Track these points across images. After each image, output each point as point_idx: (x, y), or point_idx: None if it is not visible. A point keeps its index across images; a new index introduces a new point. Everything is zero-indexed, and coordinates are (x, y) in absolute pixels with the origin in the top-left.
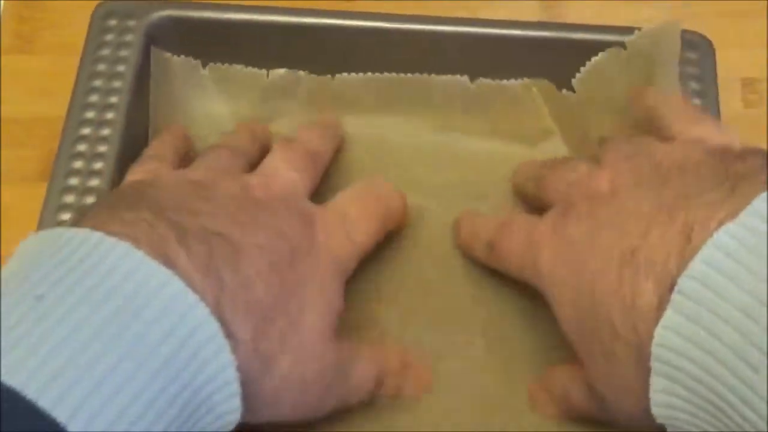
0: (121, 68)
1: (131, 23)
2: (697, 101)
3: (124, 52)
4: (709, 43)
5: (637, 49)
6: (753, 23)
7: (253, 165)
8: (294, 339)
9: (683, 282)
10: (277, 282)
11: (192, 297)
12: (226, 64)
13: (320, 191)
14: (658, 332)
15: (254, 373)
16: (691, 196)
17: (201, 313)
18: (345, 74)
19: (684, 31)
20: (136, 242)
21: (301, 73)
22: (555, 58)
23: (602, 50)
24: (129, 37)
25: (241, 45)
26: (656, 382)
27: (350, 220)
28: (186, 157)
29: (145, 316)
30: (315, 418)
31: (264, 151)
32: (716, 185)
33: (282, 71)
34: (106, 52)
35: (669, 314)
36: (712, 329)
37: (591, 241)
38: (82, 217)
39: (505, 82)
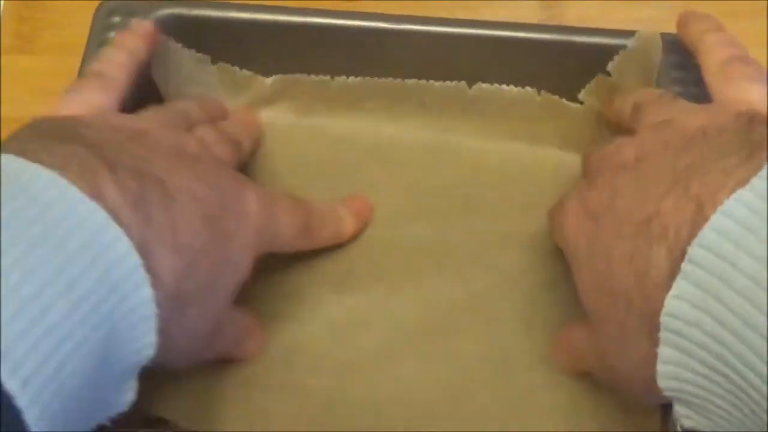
0: None
1: (134, 21)
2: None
3: None
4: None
5: (635, 53)
6: (753, 23)
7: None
8: (208, 291)
9: (693, 251)
10: (206, 233)
11: (116, 229)
12: (235, 67)
13: (313, 192)
14: (668, 302)
15: (167, 314)
16: (708, 163)
17: (123, 246)
18: (344, 77)
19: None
20: (64, 172)
21: (299, 76)
22: (556, 61)
23: (602, 53)
24: None
25: (245, 43)
26: (664, 353)
27: (275, 214)
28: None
29: (67, 246)
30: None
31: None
32: (734, 152)
33: (280, 76)
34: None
35: (679, 283)
36: (722, 297)
37: (609, 210)
38: (7, 142)
39: (504, 87)
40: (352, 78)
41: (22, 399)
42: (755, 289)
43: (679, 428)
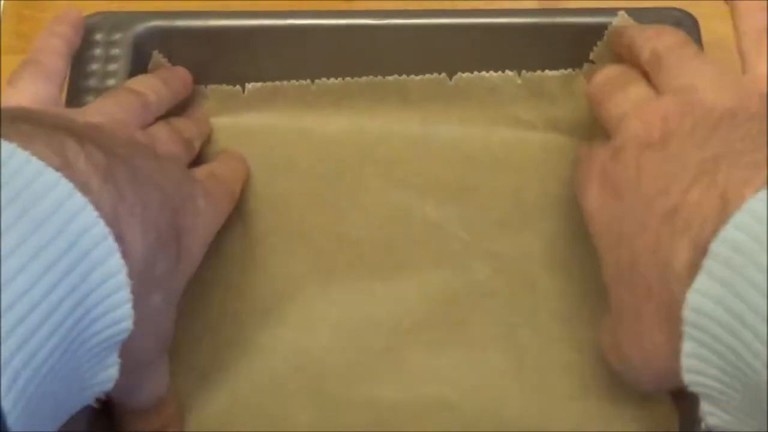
0: (111, 82)
1: (117, 36)
2: None
3: (112, 66)
4: (694, 19)
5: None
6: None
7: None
8: (171, 279)
9: (715, 246)
10: (169, 216)
11: (81, 199)
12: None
13: (306, 194)
14: (691, 296)
15: (134, 295)
16: (735, 156)
17: (90, 215)
18: (324, 80)
19: (668, 9)
20: (29, 144)
21: (279, 83)
22: (536, 44)
23: (585, 33)
24: (116, 51)
25: (227, 50)
26: (687, 348)
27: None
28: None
29: (31, 215)
30: None
31: (173, 99)
32: (762, 144)
33: (260, 84)
34: (94, 66)
35: (701, 278)
36: (741, 294)
37: (634, 192)
38: None
39: (484, 73)
40: (332, 79)
41: None
42: None
43: (703, 427)
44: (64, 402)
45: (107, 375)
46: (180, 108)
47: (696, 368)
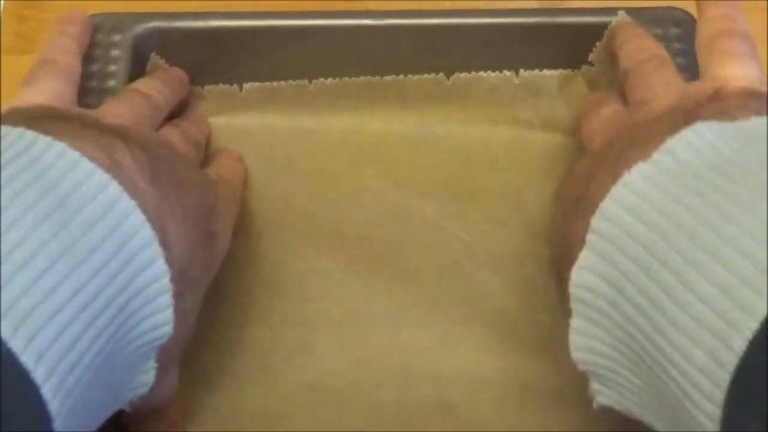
0: (111, 83)
1: (117, 38)
2: (684, 75)
3: (112, 67)
4: (693, 19)
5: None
6: (753, 23)
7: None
8: (201, 284)
9: (596, 221)
10: (205, 218)
11: (129, 202)
12: (219, 85)
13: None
14: (575, 272)
15: (175, 297)
16: (643, 144)
17: (137, 219)
18: (322, 80)
19: (666, 8)
20: (79, 144)
21: (277, 83)
22: (535, 43)
23: (583, 33)
24: (116, 52)
25: (227, 51)
26: (575, 324)
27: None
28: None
29: (79, 218)
30: None
31: (174, 100)
32: (670, 130)
33: (258, 84)
34: (94, 68)
35: (585, 254)
36: (621, 266)
37: (569, 185)
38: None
39: (482, 73)
40: (330, 79)
41: (37, 372)
42: (647, 258)
43: (594, 406)
44: (103, 406)
45: (144, 379)
46: (178, 109)
47: (585, 346)
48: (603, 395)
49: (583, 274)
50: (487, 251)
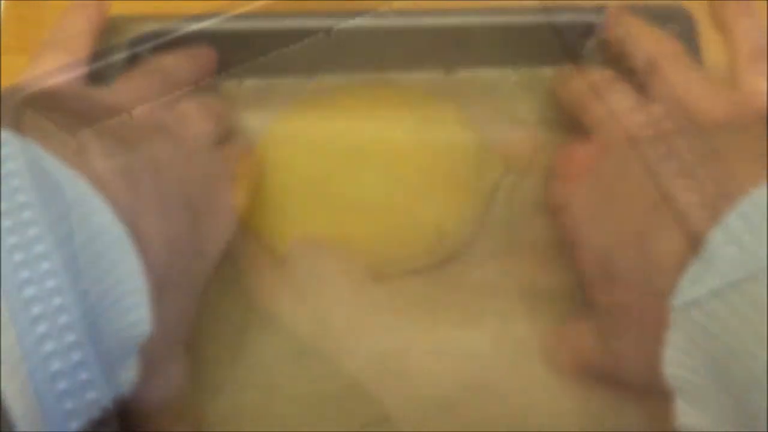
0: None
1: (114, 40)
2: None
3: (109, 71)
4: (691, 17)
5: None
6: None
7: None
8: (184, 279)
9: (713, 234)
10: (187, 215)
11: (96, 200)
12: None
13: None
14: (683, 285)
15: (154, 294)
16: (738, 153)
17: (106, 216)
18: (321, 77)
19: (666, 5)
20: (45, 140)
21: (274, 82)
22: (531, 42)
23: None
24: (112, 55)
25: (225, 53)
26: (672, 338)
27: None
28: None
29: (53, 211)
30: None
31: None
32: (758, 156)
33: (255, 80)
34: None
35: (694, 268)
36: (736, 283)
37: (621, 185)
38: None
39: (481, 70)
40: (329, 77)
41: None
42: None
43: (675, 426)
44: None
45: (125, 377)
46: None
47: (679, 361)
48: (688, 416)
49: (691, 287)
50: (488, 251)
